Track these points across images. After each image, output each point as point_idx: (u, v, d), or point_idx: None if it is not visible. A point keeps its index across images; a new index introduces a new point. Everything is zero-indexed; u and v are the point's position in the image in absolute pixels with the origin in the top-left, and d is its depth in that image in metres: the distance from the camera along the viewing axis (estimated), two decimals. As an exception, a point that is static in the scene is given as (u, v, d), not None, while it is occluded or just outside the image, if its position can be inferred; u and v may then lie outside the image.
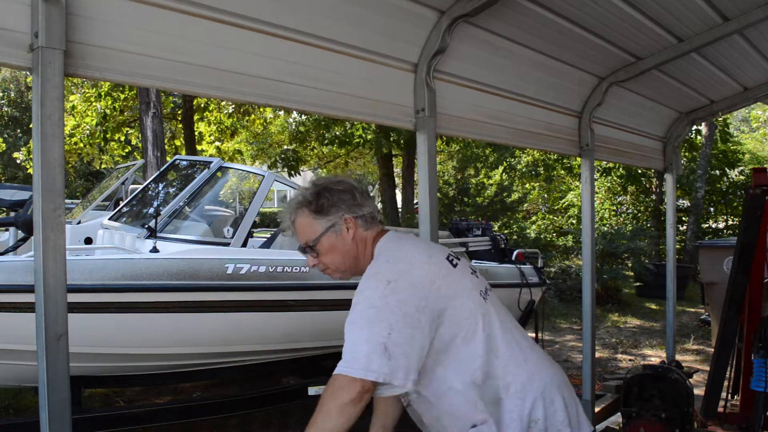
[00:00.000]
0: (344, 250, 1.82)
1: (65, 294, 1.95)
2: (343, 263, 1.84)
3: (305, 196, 1.84)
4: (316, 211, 1.80)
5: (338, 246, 1.81)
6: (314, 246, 1.81)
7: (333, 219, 1.80)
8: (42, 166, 1.91)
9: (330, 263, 1.84)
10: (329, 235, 1.80)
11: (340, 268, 1.85)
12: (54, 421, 1.92)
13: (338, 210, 1.80)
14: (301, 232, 1.83)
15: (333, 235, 1.80)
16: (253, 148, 18.52)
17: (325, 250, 1.81)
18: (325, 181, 1.87)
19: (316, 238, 1.80)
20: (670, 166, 5.73)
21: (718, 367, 4.11)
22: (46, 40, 1.92)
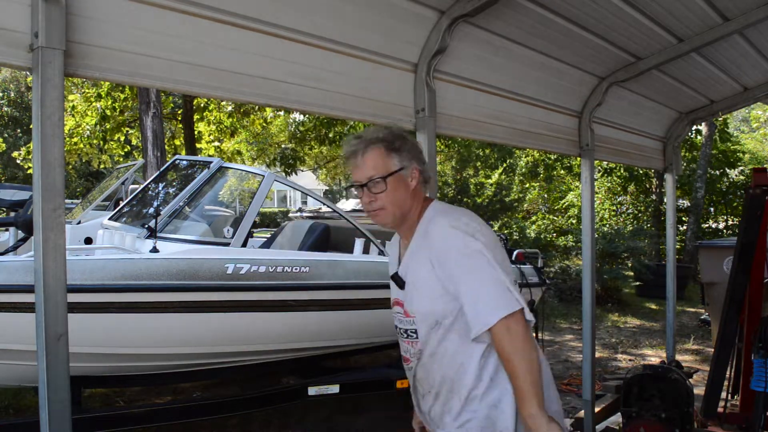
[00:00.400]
0: (404, 196, 1.84)
1: (65, 294, 1.95)
2: (398, 208, 1.85)
3: (384, 134, 1.86)
4: (394, 149, 1.83)
5: (401, 190, 1.83)
6: (379, 182, 1.81)
7: (405, 163, 1.83)
8: (42, 166, 1.91)
9: (387, 204, 1.83)
10: (398, 176, 1.82)
11: (394, 212, 1.85)
12: (54, 421, 1.92)
13: (411, 158, 1.85)
14: (369, 166, 1.82)
15: (401, 177, 1.83)
16: (253, 149, 18.52)
17: (390, 189, 1.81)
18: (399, 129, 1.91)
19: (386, 174, 1.80)
20: (670, 166, 5.73)
21: (718, 367, 4.10)
22: (46, 40, 1.92)
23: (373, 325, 4.83)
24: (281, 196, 47.08)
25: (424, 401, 1.97)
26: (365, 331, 4.88)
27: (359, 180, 1.85)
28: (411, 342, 1.90)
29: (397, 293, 1.95)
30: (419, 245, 1.85)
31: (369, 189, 1.83)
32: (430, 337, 1.84)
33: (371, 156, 1.83)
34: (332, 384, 4.29)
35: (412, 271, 1.86)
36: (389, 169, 1.82)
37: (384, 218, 1.86)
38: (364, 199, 1.86)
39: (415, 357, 1.91)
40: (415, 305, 1.85)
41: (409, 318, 1.88)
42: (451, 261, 1.75)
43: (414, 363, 1.93)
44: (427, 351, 1.87)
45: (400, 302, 1.92)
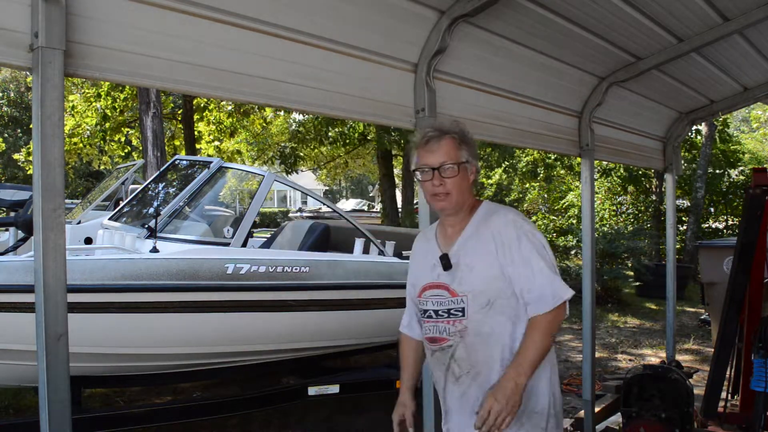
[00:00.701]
0: (466, 186, 2.06)
1: (65, 294, 1.95)
2: (461, 195, 2.04)
3: (456, 128, 2.07)
4: (463, 143, 2.04)
5: (465, 180, 2.04)
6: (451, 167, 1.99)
7: (470, 158, 2.05)
8: (42, 166, 1.91)
9: (453, 189, 2.01)
10: (464, 167, 2.03)
11: (458, 198, 2.03)
12: (54, 421, 1.92)
13: (473, 156, 2.08)
14: (443, 152, 2.00)
15: (465, 169, 2.04)
16: (253, 149, 18.52)
17: (457, 176, 2.01)
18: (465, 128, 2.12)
19: (457, 162, 2.00)
20: (670, 166, 5.73)
21: (718, 367, 4.10)
22: (46, 40, 1.92)
23: (373, 325, 4.83)
24: (281, 196, 47.08)
25: (458, 384, 2.04)
26: (365, 331, 4.88)
27: (432, 164, 2.00)
28: (453, 321, 2.01)
29: (437, 276, 2.07)
30: (477, 232, 2.03)
31: (440, 173, 2.00)
32: (480, 316, 1.98)
33: (445, 144, 2.01)
34: (332, 384, 4.29)
35: (468, 254, 2.02)
36: (459, 159, 2.01)
37: (448, 202, 2.03)
38: (434, 182, 2.01)
39: (457, 335, 2.01)
40: (469, 285, 1.99)
41: (456, 297, 2.01)
42: (517, 248, 1.96)
43: (454, 341, 2.02)
44: (473, 329, 1.99)
45: (441, 284, 2.05)
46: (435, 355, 2.10)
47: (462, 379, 2.03)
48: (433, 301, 2.08)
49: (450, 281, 2.03)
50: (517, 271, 1.95)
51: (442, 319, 2.04)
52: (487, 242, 1.99)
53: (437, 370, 2.12)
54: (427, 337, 2.12)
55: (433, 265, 2.10)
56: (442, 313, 2.05)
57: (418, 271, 2.18)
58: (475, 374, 2.00)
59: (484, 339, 1.99)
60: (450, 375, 2.06)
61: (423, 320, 2.15)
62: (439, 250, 2.10)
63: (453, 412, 2.10)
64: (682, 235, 14.00)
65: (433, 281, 2.09)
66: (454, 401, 2.08)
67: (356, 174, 30.78)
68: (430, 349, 2.13)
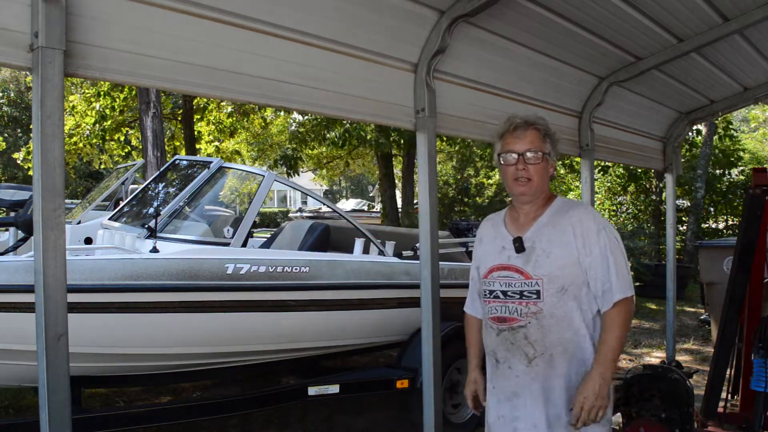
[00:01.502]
0: (546, 175, 2.19)
1: (65, 294, 1.95)
2: (541, 182, 2.17)
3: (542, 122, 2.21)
4: (548, 136, 2.18)
5: (545, 170, 2.17)
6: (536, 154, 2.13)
7: (552, 152, 2.20)
8: (42, 166, 1.91)
9: (535, 175, 2.14)
10: (546, 158, 2.16)
11: (538, 185, 2.16)
12: (54, 421, 1.93)
13: (555, 150, 2.22)
14: (529, 140, 2.14)
15: (547, 160, 2.17)
16: (253, 149, 18.50)
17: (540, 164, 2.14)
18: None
19: (543, 151, 2.14)
20: (670, 166, 5.73)
21: (718, 367, 4.10)
22: (46, 40, 1.92)
23: (373, 325, 4.82)
24: (281, 196, 47.07)
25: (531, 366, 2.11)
26: (365, 331, 4.88)
27: (517, 150, 2.14)
28: (525, 302, 2.11)
29: (507, 259, 2.17)
30: (554, 221, 2.15)
31: (525, 158, 2.13)
32: (555, 300, 2.08)
33: (531, 133, 2.15)
34: (332, 384, 4.28)
35: (544, 240, 2.13)
36: (544, 149, 2.16)
37: (528, 188, 2.15)
38: (518, 167, 2.14)
39: (530, 317, 2.11)
40: (545, 269, 2.10)
41: (530, 280, 2.11)
42: (596, 241, 2.08)
43: (526, 322, 2.11)
44: (548, 312, 2.09)
45: (512, 266, 2.15)
46: (502, 335, 2.17)
47: (536, 361, 2.11)
48: (501, 282, 2.18)
49: (523, 264, 2.13)
50: (594, 262, 2.08)
51: (513, 300, 2.14)
52: (566, 232, 2.11)
53: (503, 350, 2.18)
54: (494, 317, 2.19)
55: (502, 248, 2.20)
56: (512, 294, 2.14)
57: (486, 254, 2.27)
58: (549, 357, 2.10)
59: (558, 321, 2.09)
60: (522, 356, 2.13)
61: (487, 300, 2.23)
62: (509, 234, 2.21)
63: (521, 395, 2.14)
64: (682, 235, 13.99)
65: (503, 263, 2.18)
66: (525, 383, 2.13)
67: (356, 174, 30.81)
68: (495, 328, 2.19)
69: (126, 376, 4.26)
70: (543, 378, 2.10)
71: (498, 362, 2.21)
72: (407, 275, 4.78)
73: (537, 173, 2.14)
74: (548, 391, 2.10)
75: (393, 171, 18.98)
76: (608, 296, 2.07)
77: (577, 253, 2.09)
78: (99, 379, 4.21)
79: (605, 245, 2.09)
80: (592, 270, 2.08)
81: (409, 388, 4.37)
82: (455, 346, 4.65)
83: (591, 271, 2.08)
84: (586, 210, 2.21)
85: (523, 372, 2.13)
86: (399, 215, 17.43)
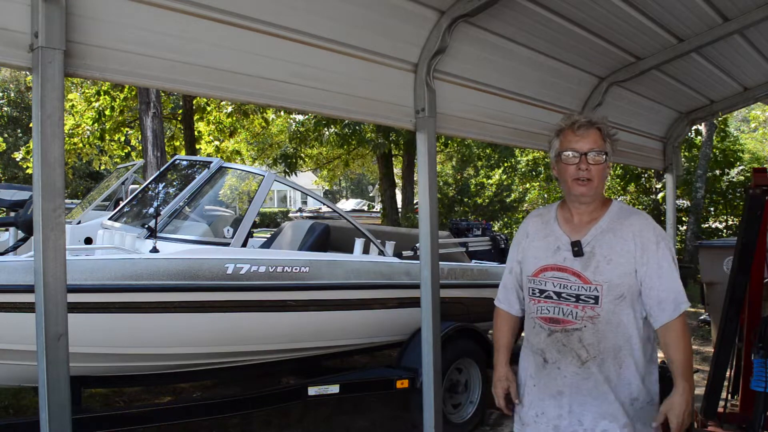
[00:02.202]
0: (605, 177, 2.16)
1: (65, 294, 1.95)
2: (601, 183, 2.14)
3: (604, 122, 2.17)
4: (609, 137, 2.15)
5: (605, 171, 2.14)
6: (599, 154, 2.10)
7: (610, 154, 2.15)
8: (42, 166, 1.91)
9: (596, 176, 2.11)
10: (606, 159, 2.13)
11: (597, 186, 2.13)
12: (54, 421, 1.93)
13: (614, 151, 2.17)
14: (592, 140, 2.11)
15: (607, 162, 2.13)
16: (253, 149, 18.49)
17: (600, 164, 2.11)
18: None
19: (605, 151, 2.11)
20: (670, 166, 5.73)
21: (718, 367, 4.10)
22: (46, 40, 1.92)
23: (373, 325, 4.82)
24: (281, 196, 47.07)
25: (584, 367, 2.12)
26: (365, 331, 4.88)
27: (580, 149, 2.10)
28: (582, 306, 2.11)
29: (562, 260, 2.16)
30: (614, 228, 2.14)
31: (587, 158, 2.09)
32: (612, 307, 2.09)
33: (594, 133, 2.12)
34: (332, 384, 4.28)
35: (604, 247, 2.12)
36: (606, 149, 2.12)
37: (589, 188, 2.12)
38: (580, 166, 2.10)
39: (586, 321, 2.11)
40: (605, 275, 2.09)
41: (589, 285, 2.10)
42: (654, 252, 2.09)
43: (581, 325, 2.12)
44: (604, 318, 2.09)
45: (569, 269, 2.14)
46: (555, 336, 2.16)
47: (588, 364, 2.12)
48: (554, 283, 2.16)
49: (582, 268, 2.12)
50: (650, 273, 2.08)
51: (568, 302, 2.13)
52: (627, 240, 2.10)
53: (554, 351, 2.17)
54: (545, 317, 2.19)
55: (557, 248, 2.18)
56: (567, 296, 2.14)
57: (536, 251, 2.24)
58: (602, 360, 2.11)
59: (614, 328, 2.10)
60: (574, 358, 2.13)
61: (535, 299, 2.21)
62: (564, 234, 2.19)
63: (567, 394, 2.15)
64: (682, 235, 13.99)
65: (558, 264, 2.16)
66: (574, 383, 2.14)
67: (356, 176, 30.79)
68: (547, 329, 2.18)
69: (126, 376, 4.26)
70: (594, 380, 2.12)
71: (546, 362, 2.20)
72: (407, 275, 4.78)
73: (598, 174, 2.11)
74: (596, 392, 2.12)
75: (393, 171, 18.98)
76: (669, 308, 2.08)
77: (635, 263, 2.09)
78: (99, 379, 4.21)
79: (663, 257, 2.10)
80: (649, 280, 2.09)
81: (409, 388, 4.37)
82: (455, 346, 4.66)
83: (647, 281, 2.09)
84: (646, 220, 2.19)
85: (573, 373, 2.14)
86: (399, 215, 17.43)
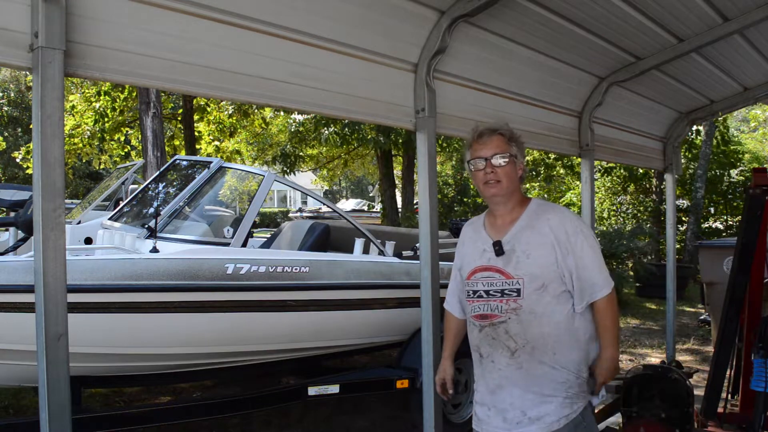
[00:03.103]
0: (514, 176, 2.29)
1: (65, 294, 1.95)
2: (510, 183, 2.28)
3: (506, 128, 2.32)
4: (512, 140, 2.30)
5: (513, 171, 2.28)
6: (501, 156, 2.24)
7: (517, 155, 2.30)
8: (42, 166, 1.91)
9: (503, 177, 2.26)
10: (512, 160, 2.27)
11: (507, 185, 2.27)
12: (54, 421, 1.93)
13: (521, 154, 2.32)
14: (494, 145, 2.26)
15: (514, 162, 2.28)
16: (253, 149, 18.48)
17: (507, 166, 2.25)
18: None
19: (508, 153, 2.25)
20: (670, 166, 5.73)
21: (718, 367, 4.10)
22: (46, 40, 1.92)
23: (373, 325, 4.83)
24: (281, 196, 47.07)
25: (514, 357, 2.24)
26: (365, 331, 4.88)
27: (484, 155, 2.26)
28: (506, 300, 2.25)
29: (487, 261, 2.31)
30: (532, 224, 2.27)
31: (491, 162, 2.25)
32: (534, 297, 2.22)
33: (496, 138, 2.28)
34: (332, 384, 4.28)
35: (523, 242, 2.26)
36: (510, 151, 2.27)
37: (499, 189, 2.27)
38: (486, 171, 2.26)
39: (510, 313, 2.24)
40: (525, 269, 2.23)
41: (511, 279, 2.24)
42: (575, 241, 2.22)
43: (506, 317, 2.25)
44: (527, 308, 2.22)
45: (493, 267, 2.28)
46: (484, 331, 2.30)
47: (518, 353, 2.24)
48: (483, 282, 2.31)
49: (504, 265, 2.26)
50: (575, 261, 2.22)
51: (495, 298, 2.27)
52: (545, 234, 2.23)
53: (486, 345, 2.31)
54: (477, 315, 2.33)
55: (483, 250, 2.33)
56: (494, 293, 2.28)
57: (467, 257, 2.40)
58: (531, 349, 2.22)
59: (538, 317, 2.22)
60: (504, 350, 2.26)
61: (470, 300, 2.36)
62: (488, 237, 2.33)
63: (506, 386, 2.28)
64: (682, 235, 13.99)
65: (484, 264, 2.31)
66: (509, 375, 2.26)
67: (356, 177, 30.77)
68: (478, 325, 2.32)
69: (126, 376, 4.26)
70: (526, 367, 2.24)
71: (482, 357, 2.34)
72: (407, 275, 4.78)
73: (505, 175, 2.25)
74: (531, 377, 2.24)
75: (393, 171, 18.97)
76: (596, 291, 2.23)
77: (555, 254, 2.22)
78: (99, 379, 4.21)
79: (582, 245, 2.23)
80: (573, 269, 2.22)
81: (409, 388, 4.37)
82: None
83: (571, 269, 2.22)
84: (562, 213, 2.34)
85: (506, 365, 2.26)
86: (399, 215, 17.43)
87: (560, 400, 2.24)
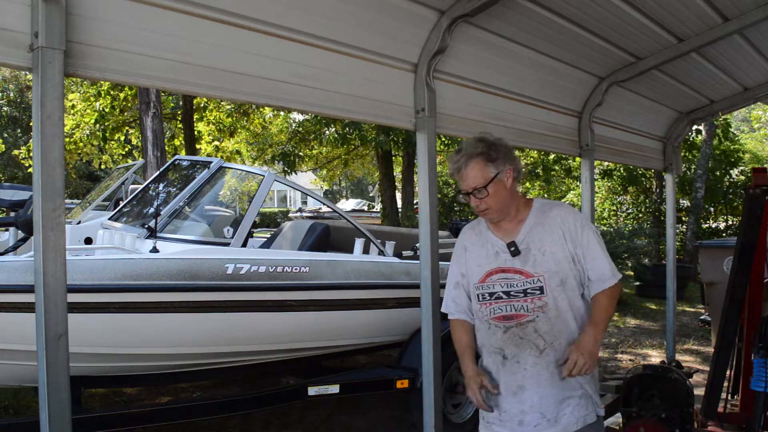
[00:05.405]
0: (503, 195, 2.25)
1: (65, 294, 1.95)
2: (500, 205, 2.25)
3: (480, 148, 2.23)
4: (490, 160, 2.21)
5: (500, 192, 2.24)
6: (481, 190, 2.21)
7: (500, 168, 2.22)
8: (42, 166, 1.91)
9: (491, 204, 2.24)
10: (495, 182, 2.22)
11: (498, 209, 2.26)
12: (54, 421, 1.93)
13: (505, 161, 2.24)
14: (471, 177, 2.22)
15: (498, 181, 2.22)
16: (253, 149, 18.48)
17: (491, 193, 2.22)
18: (493, 138, 2.30)
19: (486, 183, 2.20)
20: (670, 166, 5.73)
21: (718, 367, 4.10)
22: (46, 40, 1.92)
23: (373, 325, 4.83)
24: (281, 196, 47.07)
25: (543, 356, 2.23)
26: (365, 331, 4.88)
27: (466, 189, 2.25)
28: (531, 299, 2.24)
29: (503, 262, 2.29)
30: (541, 222, 2.28)
31: (474, 196, 2.23)
32: (557, 293, 2.23)
33: (472, 167, 2.21)
34: (332, 384, 4.28)
35: (536, 241, 2.26)
36: (488, 177, 2.21)
37: (491, 215, 2.28)
38: (473, 202, 2.25)
39: (537, 311, 2.24)
40: (543, 266, 2.24)
41: (531, 278, 2.24)
42: (581, 235, 2.25)
43: (533, 316, 2.24)
44: (552, 305, 2.23)
45: (511, 268, 2.28)
46: (511, 331, 2.27)
47: (546, 351, 2.23)
48: (501, 284, 2.29)
49: (522, 265, 2.26)
50: (582, 254, 2.25)
51: (517, 298, 2.26)
52: (555, 230, 2.25)
53: (512, 346, 2.27)
54: (499, 317, 2.29)
55: (496, 253, 2.31)
56: (515, 293, 2.26)
57: (477, 259, 2.36)
58: (558, 345, 2.23)
59: (562, 312, 2.24)
60: (532, 348, 2.24)
61: (486, 303, 2.32)
62: (499, 239, 2.32)
63: (528, 387, 2.25)
64: (682, 235, 13.99)
65: (500, 266, 2.30)
66: (534, 375, 2.24)
67: (356, 177, 30.77)
68: (502, 326, 2.28)
69: (126, 376, 4.26)
70: (553, 366, 2.23)
71: (506, 359, 2.29)
72: (407, 275, 4.78)
73: (492, 201, 2.23)
74: (555, 379, 2.23)
75: (393, 171, 18.97)
76: (603, 283, 2.25)
77: (567, 249, 2.25)
78: (99, 379, 4.21)
79: (589, 239, 2.26)
80: (582, 262, 2.26)
81: (409, 388, 4.37)
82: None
83: (580, 262, 2.26)
84: (567, 208, 2.36)
85: (533, 364, 2.24)
86: (399, 215, 17.42)
87: (576, 400, 2.25)
